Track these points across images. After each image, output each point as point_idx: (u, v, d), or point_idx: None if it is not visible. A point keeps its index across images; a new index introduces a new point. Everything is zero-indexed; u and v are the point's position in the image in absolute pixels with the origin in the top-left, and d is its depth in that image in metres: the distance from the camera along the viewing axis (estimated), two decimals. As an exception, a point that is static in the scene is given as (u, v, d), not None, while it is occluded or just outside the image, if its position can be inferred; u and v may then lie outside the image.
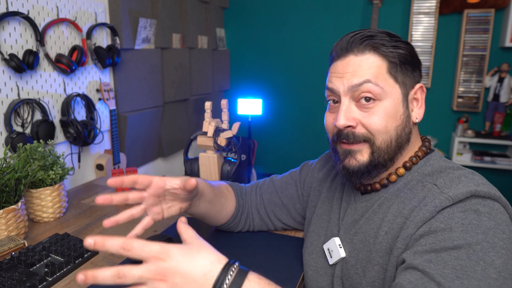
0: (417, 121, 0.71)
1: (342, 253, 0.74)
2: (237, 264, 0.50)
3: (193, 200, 0.78)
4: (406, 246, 0.61)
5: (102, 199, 0.61)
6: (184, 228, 0.54)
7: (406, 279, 0.55)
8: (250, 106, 2.99)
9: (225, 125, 1.27)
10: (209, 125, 1.22)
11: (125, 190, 1.31)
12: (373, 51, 0.68)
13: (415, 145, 0.73)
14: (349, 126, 0.68)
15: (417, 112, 0.71)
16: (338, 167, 0.73)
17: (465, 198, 0.59)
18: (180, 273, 0.47)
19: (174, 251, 0.48)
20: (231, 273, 0.48)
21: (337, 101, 0.71)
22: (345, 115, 0.68)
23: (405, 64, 0.68)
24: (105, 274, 0.47)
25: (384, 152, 0.68)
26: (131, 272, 0.47)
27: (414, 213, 0.62)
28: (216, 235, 1.04)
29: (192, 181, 0.66)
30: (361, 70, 0.67)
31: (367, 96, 0.67)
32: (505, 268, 0.53)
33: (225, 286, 0.47)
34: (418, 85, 0.71)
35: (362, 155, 0.69)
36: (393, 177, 0.71)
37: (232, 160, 1.27)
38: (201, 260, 0.49)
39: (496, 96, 2.69)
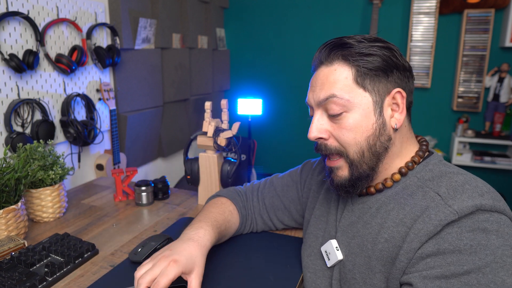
0: (396, 127, 0.68)
1: (339, 256, 0.74)
2: None
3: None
4: (409, 261, 0.61)
5: None
6: None
7: None
8: (250, 106, 2.99)
9: (225, 125, 1.27)
10: (209, 125, 1.22)
11: (125, 189, 1.31)
12: (341, 60, 0.68)
13: (409, 149, 0.72)
14: (320, 138, 0.70)
15: (397, 118, 0.68)
16: (328, 181, 0.76)
17: (470, 213, 0.58)
18: None
19: None
20: None
21: None
22: (316, 127, 0.70)
23: (375, 71, 0.66)
24: None
25: (359, 163, 0.68)
26: None
27: (417, 224, 0.61)
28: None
29: None
30: (327, 83, 0.68)
31: (334, 110, 0.67)
32: None
33: None
34: (394, 90, 0.67)
35: (343, 170, 0.71)
36: (389, 183, 0.70)
37: (232, 160, 1.27)
38: None
39: (496, 96, 2.69)
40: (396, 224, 0.65)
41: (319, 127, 0.70)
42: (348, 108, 0.67)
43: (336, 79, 0.67)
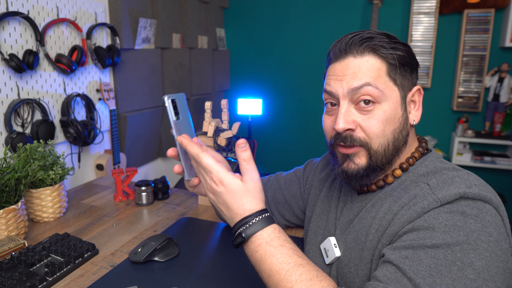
0: (414, 123, 0.71)
1: (337, 253, 0.75)
2: (267, 214, 0.63)
3: None
4: (389, 243, 0.63)
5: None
6: (248, 167, 0.63)
7: (381, 272, 0.57)
8: (250, 106, 2.99)
9: (225, 125, 1.27)
10: (209, 125, 1.22)
11: (125, 189, 1.31)
12: (373, 53, 0.67)
13: (411, 146, 0.73)
14: (348, 129, 0.68)
15: (415, 115, 0.71)
16: (337, 171, 0.73)
17: (453, 200, 0.59)
18: (224, 200, 0.62)
19: (231, 185, 0.62)
20: (259, 217, 0.61)
21: (335, 104, 0.71)
22: (344, 118, 0.67)
23: (404, 66, 0.68)
24: (192, 148, 0.64)
25: (381, 155, 0.68)
26: (204, 160, 0.62)
27: (402, 210, 0.63)
28: (218, 235, 1.04)
29: (195, 181, 0.72)
30: (360, 72, 0.66)
31: (367, 99, 0.66)
32: (486, 270, 0.53)
33: (249, 224, 0.61)
34: (415, 88, 0.70)
35: (360, 158, 0.69)
36: (390, 178, 0.71)
37: (232, 160, 1.27)
38: (246, 201, 0.62)
39: (496, 96, 2.69)
40: (385, 214, 0.67)
41: (347, 118, 0.67)
42: (380, 99, 0.66)
43: (370, 69, 0.66)
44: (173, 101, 0.67)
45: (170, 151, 0.69)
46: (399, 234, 0.61)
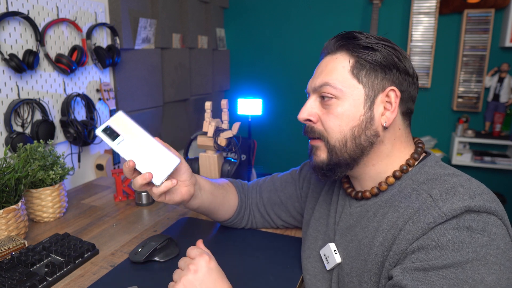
0: (385, 125, 0.68)
1: (337, 259, 0.74)
2: None
3: (194, 192, 0.82)
4: (397, 261, 0.62)
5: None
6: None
7: None
8: (250, 106, 2.99)
9: (225, 125, 1.27)
10: (209, 125, 1.22)
11: (125, 189, 1.31)
12: (344, 50, 0.70)
13: (404, 152, 0.71)
14: (308, 120, 0.73)
15: (388, 116, 0.68)
16: (309, 162, 0.78)
17: (458, 214, 0.57)
18: (215, 277, 0.68)
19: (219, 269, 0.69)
20: None
21: None
22: (306, 109, 0.73)
23: (373, 64, 0.67)
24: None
25: (340, 151, 0.69)
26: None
27: (407, 226, 0.61)
28: (218, 235, 1.04)
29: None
30: (325, 71, 0.71)
31: (326, 96, 0.70)
32: (498, 283, 0.53)
33: None
34: (389, 88, 0.68)
35: (321, 152, 0.72)
36: (384, 186, 0.70)
37: (232, 160, 1.27)
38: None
39: (496, 96, 2.69)
40: (389, 227, 0.65)
41: (309, 110, 0.73)
42: (339, 96, 0.69)
43: (334, 68, 0.70)
44: (105, 129, 0.69)
45: (132, 163, 0.71)
46: (407, 252, 0.60)
